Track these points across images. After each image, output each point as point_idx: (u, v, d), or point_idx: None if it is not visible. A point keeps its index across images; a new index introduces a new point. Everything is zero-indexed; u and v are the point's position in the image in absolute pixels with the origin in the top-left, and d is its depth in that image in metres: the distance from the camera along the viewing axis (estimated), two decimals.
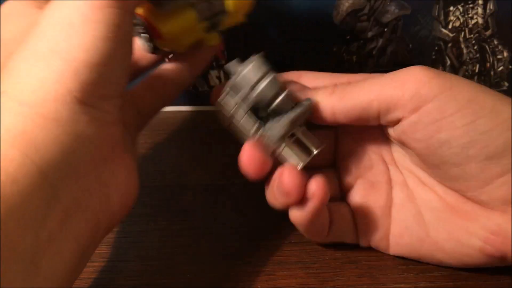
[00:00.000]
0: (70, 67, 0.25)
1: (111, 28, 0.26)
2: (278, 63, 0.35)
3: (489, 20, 0.45)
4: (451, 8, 0.45)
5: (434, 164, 0.28)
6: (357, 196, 0.32)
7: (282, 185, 0.28)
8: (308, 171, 0.29)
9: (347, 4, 0.44)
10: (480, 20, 0.45)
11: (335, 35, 0.45)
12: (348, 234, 0.32)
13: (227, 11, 0.32)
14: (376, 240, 0.31)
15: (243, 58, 0.35)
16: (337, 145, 0.33)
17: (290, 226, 0.34)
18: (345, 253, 0.32)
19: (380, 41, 0.45)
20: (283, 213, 0.35)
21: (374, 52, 0.46)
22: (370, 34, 0.45)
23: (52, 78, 0.25)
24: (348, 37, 0.45)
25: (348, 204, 0.32)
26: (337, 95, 0.29)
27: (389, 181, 0.31)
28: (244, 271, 0.30)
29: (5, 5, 0.31)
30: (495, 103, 0.27)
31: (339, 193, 0.33)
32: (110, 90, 0.27)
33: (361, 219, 0.31)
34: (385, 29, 0.45)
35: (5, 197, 0.21)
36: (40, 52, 0.25)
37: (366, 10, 0.44)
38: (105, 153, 0.26)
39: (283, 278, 0.30)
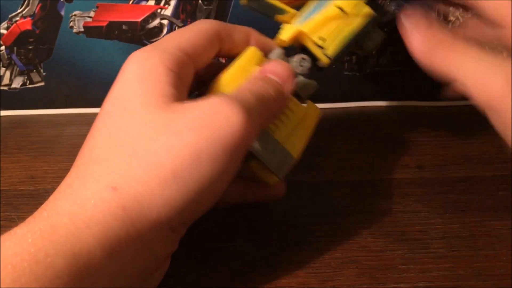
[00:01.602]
0: (182, 202, 0.25)
1: (228, 175, 0.27)
2: None
3: None
4: (451, 8, 0.45)
5: None
6: None
7: None
8: None
9: None
10: None
11: None
12: None
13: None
14: None
15: None
16: None
17: (290, 226, 0.34)
18: (345, 253, 0.32)
19: None
20: (284, 214, 0.35)
21: (374, 52, 0.45)
22: None
23: (162, 203, 0.25)
24: None
25: None
26: (432, 50, 0.30)
27: None
28: (244, 271, 0.30)
29: (141, 59, 0.28)
30: None
31: None
32: (195, 219, 0.28)
33: None
34: (385, 29, 0.45)
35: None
36: (164, 170, 0.25)
37: None
38: (160, 264, 0.27)
39: (283, 278, 0.30)
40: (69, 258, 0.23)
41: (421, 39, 0.30)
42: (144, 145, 0.25)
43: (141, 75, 0.28)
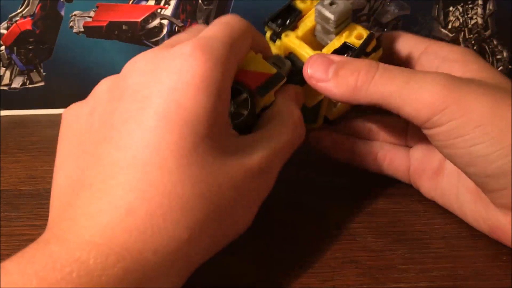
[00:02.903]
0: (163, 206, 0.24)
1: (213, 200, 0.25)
2: None
3: (489, 20, 0.45)
4: (451, 8, 0.45)
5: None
6: (416, 153, 0.36)
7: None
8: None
9: None
10: (480, 20, 0.45)
11: None
12: (403, 174, 0.36)
13: None
14: (423, 190, 0.35)
15: None
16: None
17: (290, 226, 0.34)
18: (345, 253, 0.32)
19: None
20: (284, 214, 0.35)
21: None
22: None
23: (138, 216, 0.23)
24: None
25: (407, 149, 0.36)
26: (360, 86, 0.30)
27: None
28: (244, 271, 0.30)
29: (143, 58, 0.28)
30: (503, 127, 0.28)
31: (404, 142, 0.37)
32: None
33: (414, 171, 0.36)
34: (385, 29, 0.45)
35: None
36: (137, 182, 0.24)
37: (366, 10, 0.44)
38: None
39: (283, 278, 0.30)
40: None
41: (337, 88, 0.31)
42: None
43: None
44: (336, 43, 0.33)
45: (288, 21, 0.34)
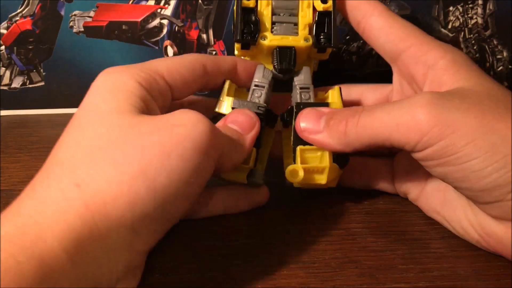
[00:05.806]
0: (149, 201, 0.25)
1: (197, 177, 0.27)
2: None
3: (489, 20, 0.45)
4: (451, 8, 0.45)
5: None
6: (401, 159, 0.36)
7: None
8: None
9: None
10: (480, 20, 0.45)
11: None
12: (387, 183, 0.36)
13: None
14: (409, 195, 0.36)
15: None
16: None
17: (291, 225, 0.34)
18: (345, 253, 0.32)
19: None
20: (284, 214, 0.35)
21: (374, 52, 0.46)
22: None
23: (127, 201, 0.25)
24: (348, 37, 0.45)
25: (391, 160, 0.37)
26: (347, 138, 0.31)
27: None
28: (244, 271, 0.30)
29: (112, 73, 0.30)
30: (494, 141, 0.27)
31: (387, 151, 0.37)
32: (164, 228, 0.28)
33: (400, 177, 0.36)
34: None
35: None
36: (131, 167, 0.25)
37: None
38: (119, 274, 0.26)
39: (283, 278, 0.30)
40: (36, 264, 0.22)
41: (331, 138, 0.32)
42: (110, 144, 0.26)
43: (112, 85, 0.29)
44: (305, 15, 0.35)
45: (253, 26, 0.34)
